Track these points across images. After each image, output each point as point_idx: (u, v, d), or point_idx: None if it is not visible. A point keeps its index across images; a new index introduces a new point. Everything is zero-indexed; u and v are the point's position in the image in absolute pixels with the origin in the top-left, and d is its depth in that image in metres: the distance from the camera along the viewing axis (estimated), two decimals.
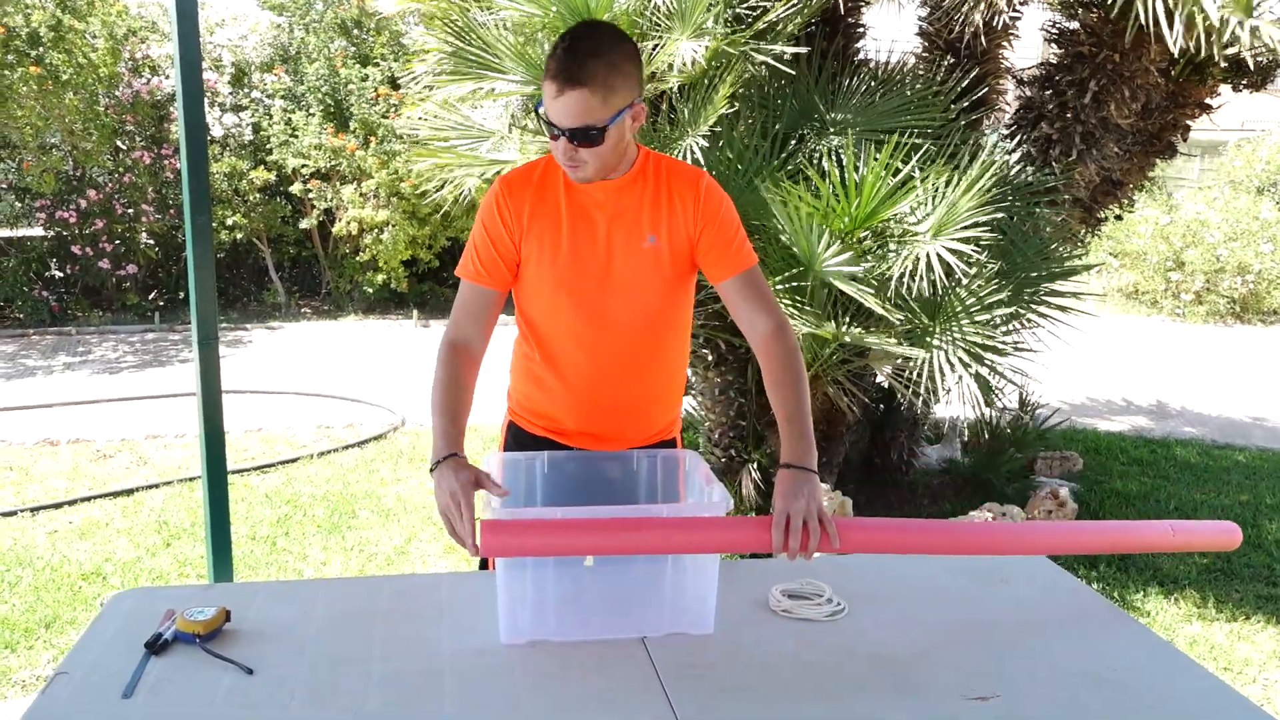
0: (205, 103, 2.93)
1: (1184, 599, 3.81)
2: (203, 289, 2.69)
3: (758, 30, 3.73)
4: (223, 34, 10.28)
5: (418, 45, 4.74)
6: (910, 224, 3.66)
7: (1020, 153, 4.35)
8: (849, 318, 3.67)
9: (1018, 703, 1.51)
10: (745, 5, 3.77)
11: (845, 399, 3.98)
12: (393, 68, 9.39)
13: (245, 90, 10.06)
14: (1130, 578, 3.97)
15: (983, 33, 4.26)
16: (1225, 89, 4.91)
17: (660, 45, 3.66)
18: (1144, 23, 3.57)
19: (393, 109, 9.18)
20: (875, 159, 3.55)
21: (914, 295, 3.61)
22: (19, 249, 9.21)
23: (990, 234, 3.61)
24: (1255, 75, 4.72)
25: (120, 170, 9.24)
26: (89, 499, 4.60)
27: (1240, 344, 9.61)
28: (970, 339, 3.61)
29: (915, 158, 3.67)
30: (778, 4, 3.75)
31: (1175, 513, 4.70)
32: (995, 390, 3.73)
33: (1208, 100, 4.90)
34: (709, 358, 4.27)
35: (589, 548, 1.59)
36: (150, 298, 9.71)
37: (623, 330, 1.90)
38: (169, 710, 1.44)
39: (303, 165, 9.36)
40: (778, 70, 3.84)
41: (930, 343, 3.62)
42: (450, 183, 4.16)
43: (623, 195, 1.85)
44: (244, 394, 6.57)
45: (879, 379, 4.40)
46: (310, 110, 9.59)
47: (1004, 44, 4.64)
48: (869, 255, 3.64)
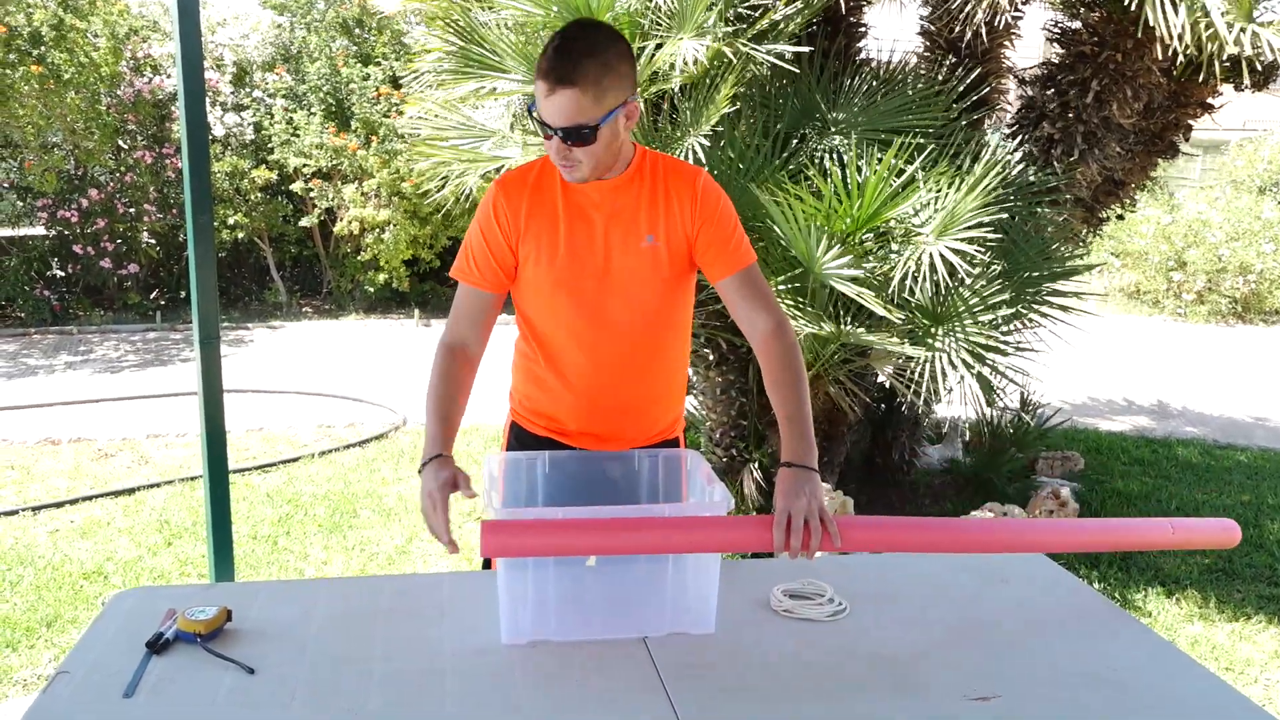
0: (207, 102, 2.92)
1: (1185, 599, 3.80)
2: (204, 288, 2.69)
3: (759, 30, 3.72)
4: (224, 33, 10.29)
5: (419, 45, 4.74)
6: (914, 225, 3.66)
7: (1022, 152, 4.34)
8: (850, 317, 3.67)
9: (1018, 703, 1.51)
10: (746, 4, 3.76)
11: (846, 399, 3.98)
12: (394, 67, 9.40)
13: (247, 89, 10.08)
14: (1132, 578, 3.96)
15: (984, 32, 4.26)
16: (1227, 88, 4.90)
17: (661, 44, 3.66)
18: (1154, 23, 3.55)
19: (394, 108, 9.18)
20: (878, 159, 3.55)
21: (916, 295, 3.61)
22: (20, 248, 9.22)
23: (993, 234, 3.61)
24: (1257, 75, 4.71)
25: (122, 169, 9.25)
26: (90, 498, 4.60)
27: (1242, 344, 9.60)
28: (973, 339, 3.61)
29: (919, 159, 3.67)
30: (779, 3, 3.75)
31: (1177, 513, 4.70)
32: (997, 390, 3.72)
33: (1210, 100, 4.89)
34: (710, 357, 4.26)
35: (590, 547, 1.59)
36: (152, 297, 9.72)
37: (622, 330, 1.89)
38: (170, 710, 1.44)
39: (304, 164, 9.37)
40: (779, 70, 3.84)
41: (932, 343, 3.62)
42: (452, 181, 4.16)
43: (620, 195, 1.84)
44: (245, 393, 6.58)
45: (880, 379, 4.39)
46: (312, 109, 9.60)
47: (1006, 43, 4.64)
48: (870, 256, 3.63)
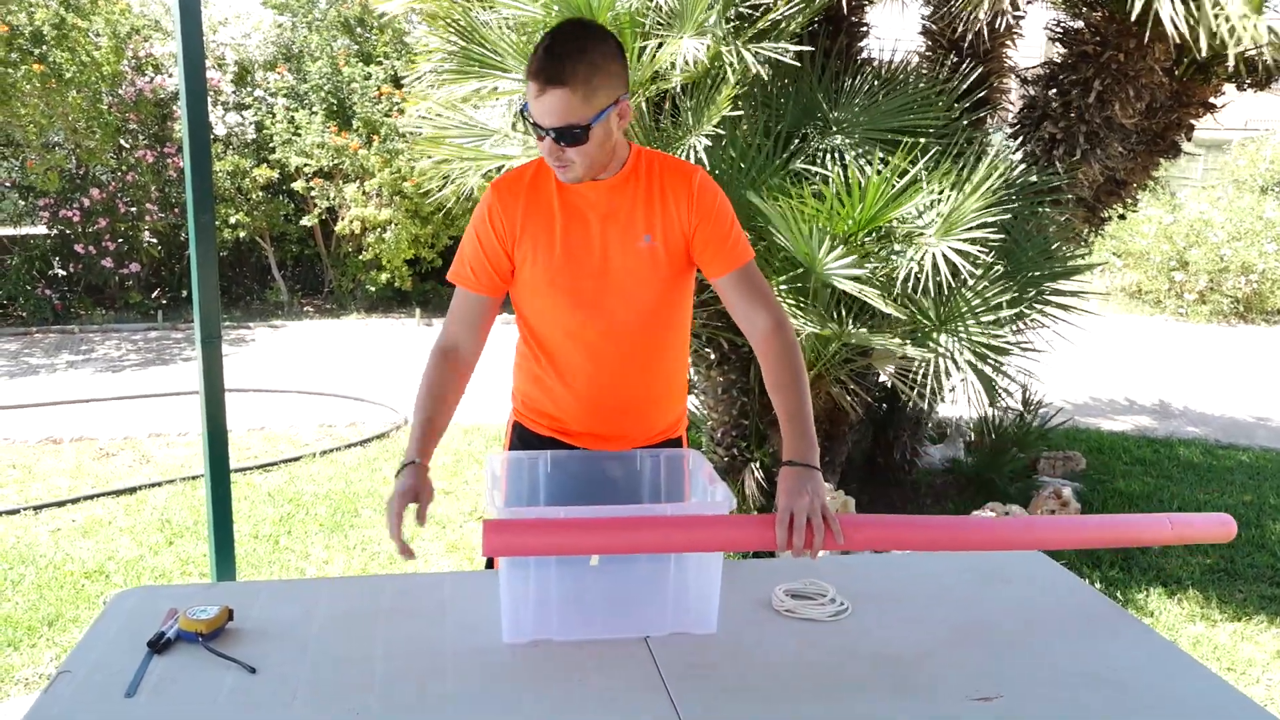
0: (209, 101, 2.92)
1: (1187, 599, 3.80)
2: (206, 287, 2.69)
3: (760, 29, 3.72)
4: (226, 32, 10.30)
5: (420, 44, 4.73)
6: (917, 225, 3.65)
7: (1024, 152, 4.34)
8: (852, 317, 3.66)
9: (1019, 703, 1.51)
10: (747, 4, 3.76)
11: (848, 398, 3.97)
12: (395, 66, 9.41)
13: (248, 89, 10.09)
14: (1133, 578, 3.96)
15: (986, 32, 4.25)
16: (1229, 88, 4.90)
17: (663, 44, 3.66)
18: (1164, 23, 3.53)
19: (395, 107, 9.19)
20: (880, 160, 3.54)
21: (919, 295, 3.61)
22: (22, 247, 9.23)
23: (995, 235, 3.60)
24: (1260, 74, 4.71)
25: (123, 169, 9.25)
26: (92, 497, 4.60)
27: (1244, 344, 9.60)
28: (975, 339, 3.60)
29: (923, 160, 3.67)
30: (780, 2, 3.74)
31: (1178, 512, 4.69)
32: (999, 390, 3.72)
33: (1212, 99, 4.89)
34: (711, 357, 4.26)
35: (592, 547, 1.59)
36: (153, 296, 9.72)
37: (621, 330, 1.89)
38: (172, 709, 1.44)
39: (305, 164, 9.37)
40: (781, 69, 3.83)
41: (935, 343, 3.61)
42: (453, 181, 4.16)
43: (616, 195, 1.84)
44: (247, 392, 6.58)
45: (882, 378, 4.39)
46: (313, 109, 9.60)
47: (1008, 43, 4.63)
48: (872, 257, 3.63)
